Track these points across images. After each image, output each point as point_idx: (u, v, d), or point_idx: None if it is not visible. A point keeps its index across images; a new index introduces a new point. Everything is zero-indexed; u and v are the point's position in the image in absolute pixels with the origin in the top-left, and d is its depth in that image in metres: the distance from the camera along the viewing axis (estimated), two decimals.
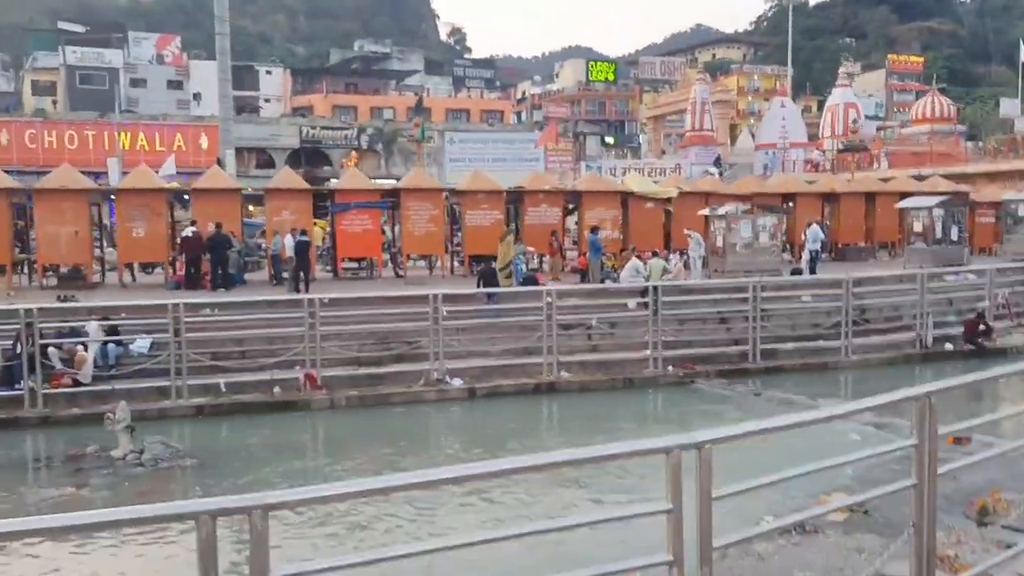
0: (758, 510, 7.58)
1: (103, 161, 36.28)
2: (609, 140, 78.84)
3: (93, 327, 12.86)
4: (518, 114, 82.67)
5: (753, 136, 59.50)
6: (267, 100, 79.25)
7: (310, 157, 43.53)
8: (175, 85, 71.66)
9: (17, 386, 12.27)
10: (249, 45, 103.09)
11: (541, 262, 21.65)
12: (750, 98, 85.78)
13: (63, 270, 18.47)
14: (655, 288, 15.43)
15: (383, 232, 21.41)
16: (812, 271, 19.86)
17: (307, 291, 17.07)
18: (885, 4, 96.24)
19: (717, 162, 47.97)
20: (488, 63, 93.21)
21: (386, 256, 22.28)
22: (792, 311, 17.50)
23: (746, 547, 7.29)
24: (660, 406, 14.04)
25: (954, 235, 22.24)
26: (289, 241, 17.48)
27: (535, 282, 17.95)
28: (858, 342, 16.79)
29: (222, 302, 15.26)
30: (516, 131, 48.90)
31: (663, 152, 68.00)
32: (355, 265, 21.36)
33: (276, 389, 13.57)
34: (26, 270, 19.32)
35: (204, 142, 42.81)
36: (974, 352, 16.92)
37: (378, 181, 28.10)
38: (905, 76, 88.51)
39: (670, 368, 15.32)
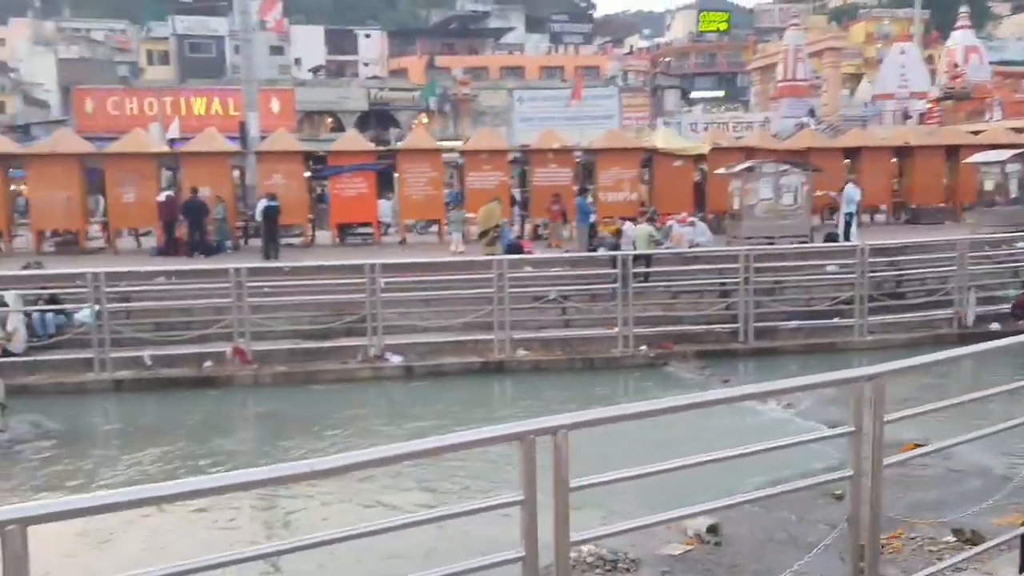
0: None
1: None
2: (718, 94, 74.84)
3: (11, 296, 12.58)
4: (624, 72, 79.54)
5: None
6: (366, 64, 79.99)
7: (379, 119, 43.12)
8: (276, 50, 72.92)
9: None
10: (374, 9, 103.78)
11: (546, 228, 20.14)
12: (879, 45, 79.34)
13: (58, 236, 18.59)
14: (624, 260, 13.75)
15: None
16: (847, 237, 17.47)
17: (276, 259, 16.42)
18: None
19: (811, 113, 44.19)
20: (587, 18, 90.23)
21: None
22: (810, 283, 15.43)
23: None
24: (603, 390, 12.40)
25: None
26: (262, 206, 16.81)
27: (519, 250, 16.61)
28: (879, 320, 14.58)
29: (176, 270, 14.73)
30: (591, 88, 46.67)
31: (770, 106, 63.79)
32: (361, 231, 20.54)
33: (207, 363, 12.98)
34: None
35: (275, 106, 43.08)
36: None
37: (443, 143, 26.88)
38: None
39: (643, 348, 13.73)
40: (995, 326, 14.76)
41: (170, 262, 16.40)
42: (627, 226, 16.50)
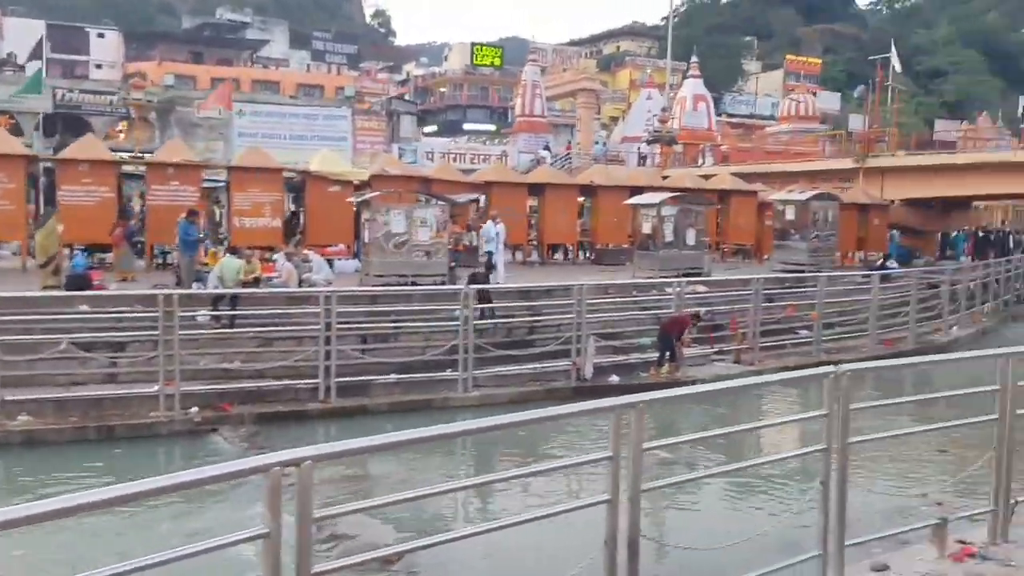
0: None
1: None
2: (490, 127, 74.85)
3: None
4: (401, 96, 77.50)
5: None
6: (98, 66, 72.34)
7: (69, 124, 37.65)
8: None
9: None
10: (148, 15, 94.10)
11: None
12: (642, 91, 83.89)
13: None
14: (167, 298, 11.11)
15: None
16: (486, 280, 15.93)
17: None
18: (792, 5, 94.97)
19: (547, 148, 44.34)
20: (352, 39, 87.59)
21: None
22: (426, 330, 13.56)
23: None
24: (101, 473, 9.58)
25: (691, 239, 18.75)
26: None
27: (86, 284, 13.46)
28: (492, 372, 12.97)
29: None
30: (323, 107, 44.03)
31: None
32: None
33: None
34: None
35: None
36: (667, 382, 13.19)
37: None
38: (805, 77, 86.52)
39: (193, 410, 11.10)
40: (614, 379, 13.66)
41: None
42: (225, 260, 13.90)
